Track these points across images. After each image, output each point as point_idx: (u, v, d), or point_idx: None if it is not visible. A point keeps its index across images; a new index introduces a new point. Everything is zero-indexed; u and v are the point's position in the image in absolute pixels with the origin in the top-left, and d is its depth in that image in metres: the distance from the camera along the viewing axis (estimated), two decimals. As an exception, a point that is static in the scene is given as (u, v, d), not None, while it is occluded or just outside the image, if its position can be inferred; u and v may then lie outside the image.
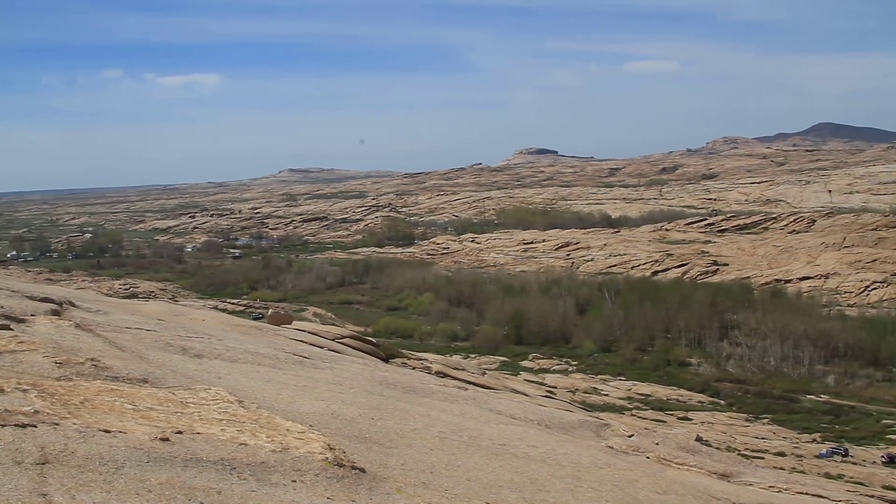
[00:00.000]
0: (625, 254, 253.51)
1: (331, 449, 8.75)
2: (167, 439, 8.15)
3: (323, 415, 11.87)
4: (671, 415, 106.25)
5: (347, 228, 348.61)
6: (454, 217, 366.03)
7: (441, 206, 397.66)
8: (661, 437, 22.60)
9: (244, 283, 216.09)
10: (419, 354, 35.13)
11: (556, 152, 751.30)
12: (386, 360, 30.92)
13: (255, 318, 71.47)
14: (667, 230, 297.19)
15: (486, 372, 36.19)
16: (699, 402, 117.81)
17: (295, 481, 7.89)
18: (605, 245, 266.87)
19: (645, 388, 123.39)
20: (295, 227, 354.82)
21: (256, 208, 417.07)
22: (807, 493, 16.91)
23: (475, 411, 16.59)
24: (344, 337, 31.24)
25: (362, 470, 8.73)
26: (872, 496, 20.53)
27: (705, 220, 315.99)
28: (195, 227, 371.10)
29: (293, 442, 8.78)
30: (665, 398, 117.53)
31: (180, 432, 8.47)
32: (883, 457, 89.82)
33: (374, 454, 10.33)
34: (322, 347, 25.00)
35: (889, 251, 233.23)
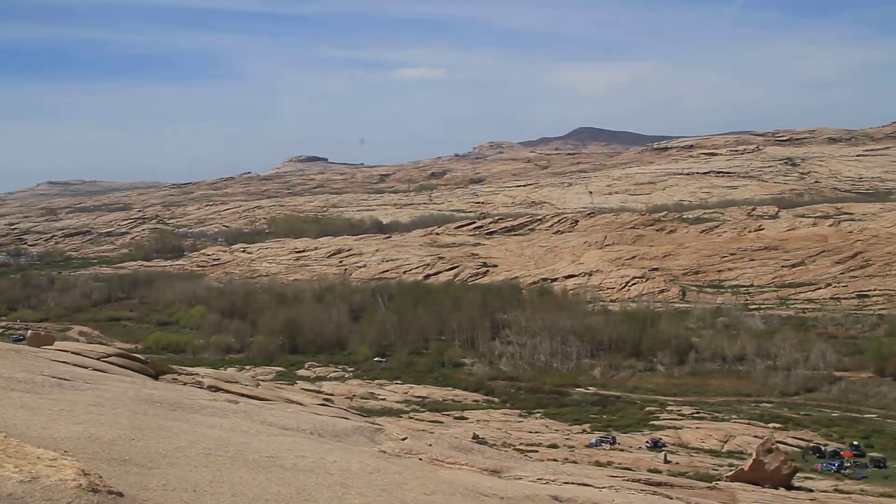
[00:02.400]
0: (397, 259, 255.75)
1: (85, 474, 8.37)
2: None
3: (79, 439, 11.37)
4: (448, 415, 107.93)
5: (113, 242, 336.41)
6: (224, 227, 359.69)
7: (210, 216, 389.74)
8: (434, 438, 22.86)
9: (2, 304, 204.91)
10: (191, 369, 34.27)
11: (327, 160, 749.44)
12: (155, 376, 29.98)
13: (16, 341, 67.91)
14: (437, 234, 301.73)
15: (261, 383, 35.66)
16: (474, 400, 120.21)
17: (46, 511, 7.50)
18: (377, 251, 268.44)
19: (421, 390, 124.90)
20: (56, 243, 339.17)
21: (13, 224, 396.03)
22: (573, 483, 17.42)
23: (245, 424, 16.29)
24: (110, 355, 30.08)
25: (119, 494, 8.39)
26: (638, 480, 21.38)
27: (474, 223, 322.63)
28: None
29: (44, 470, 8.35)
30: (441, 399, 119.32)
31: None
32: (647, 442, 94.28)
33: (133, 476, 9.96)
34: (86, 368, 23.99)
35: (646, 248, 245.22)
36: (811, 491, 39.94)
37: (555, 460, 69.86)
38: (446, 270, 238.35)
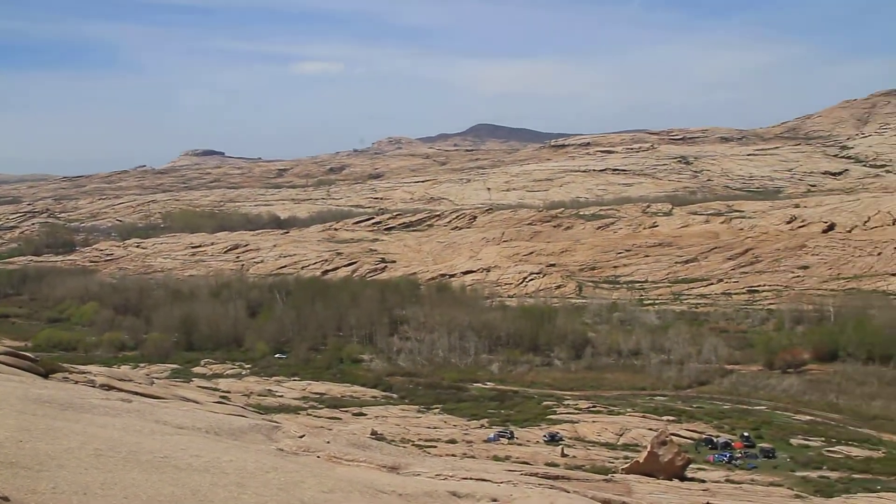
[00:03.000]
0: (295, 254, 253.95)
1: (-32, 478, 8.08)
2: None
3: (-37, 442, 10.98)
4: (346, 412, 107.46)
5: (1, 237, 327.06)
6: (118, 222, 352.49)
7: (104, 210, 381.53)
8: (333, 435, 22.72)
9: None
10: (83, 367, 33.46)
11: (223, 154, 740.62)
12: (45, 375, 29.20)
13: None
14: (336, 230, 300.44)
15: (156, 381, 35.00)
16: (373, 397, 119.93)
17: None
18: (275, 246, 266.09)
19: (320, 386, 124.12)
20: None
21: None
22: (471, 478, 17.47)
23: (139, 424, 15.96)
24: (-4, 354, 29.21)
25: (5, 499, 8.12)
26: (536, 474, 21.53)
27: (373, 218, 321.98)
28: None
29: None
30: (340, 395, 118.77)
31: None
32: (545, 436, 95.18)
33: (21, 480, 9.64)
34: (-30, 367, 23.23)
35: (544, 244, 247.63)
36: (704, 482, 40.83)
37: (453, 456, 70.12)
38: (344, 266, 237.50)
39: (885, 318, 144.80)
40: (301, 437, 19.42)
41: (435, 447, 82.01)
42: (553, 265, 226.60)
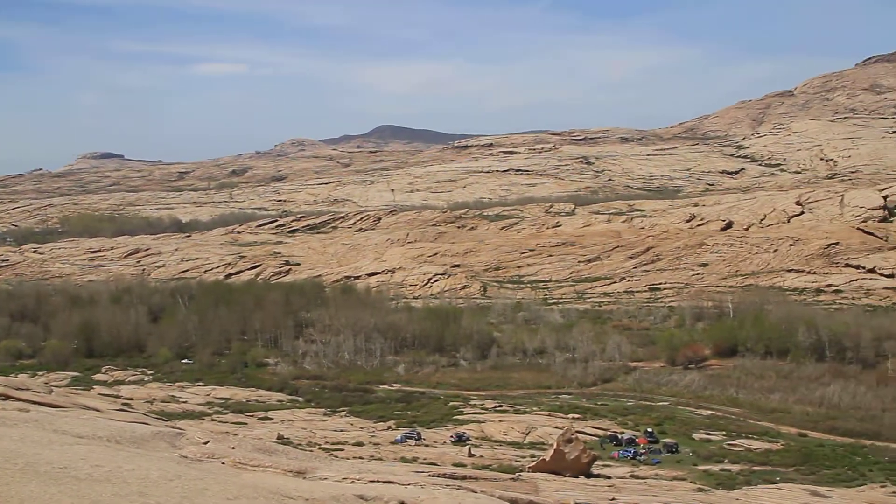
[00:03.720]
0: (197, 258, 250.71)
1: None
2: None
3: None
4: (252, 416, 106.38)
5: None
6: (13, 227, 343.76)
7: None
8: (238, 440, 22.43)
9: None
10: (-24, 377, 32.52)
11: (123, 156, 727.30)
12: (-64, 386, 28.28)
13: None
14: (239, 233, 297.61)
15: (54, 390, 34.18)
16: (279, 400, 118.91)
17: None
18: (176, 250, 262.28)
19: (224, 391, 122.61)
20: None
21: None
22: (378, 481, 17.40)
23: (37, 434, 15.53)
24: None
25: None
26: (443, 474, 21.52)
27: (276, 221, 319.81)
28: None
29: None
30: (245, 400, 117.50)
31: None
32: (452, 436, 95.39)
33: None
34: None
35: (448, 245, 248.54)
36: (609, 478, 41.25)
37: (361, 458, 69.89)
38: (248, 269, 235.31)
39: (781, 313, 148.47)
40: (205, 443, 19.13)
41: (342, 450, 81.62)
42: (458, 266, 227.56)
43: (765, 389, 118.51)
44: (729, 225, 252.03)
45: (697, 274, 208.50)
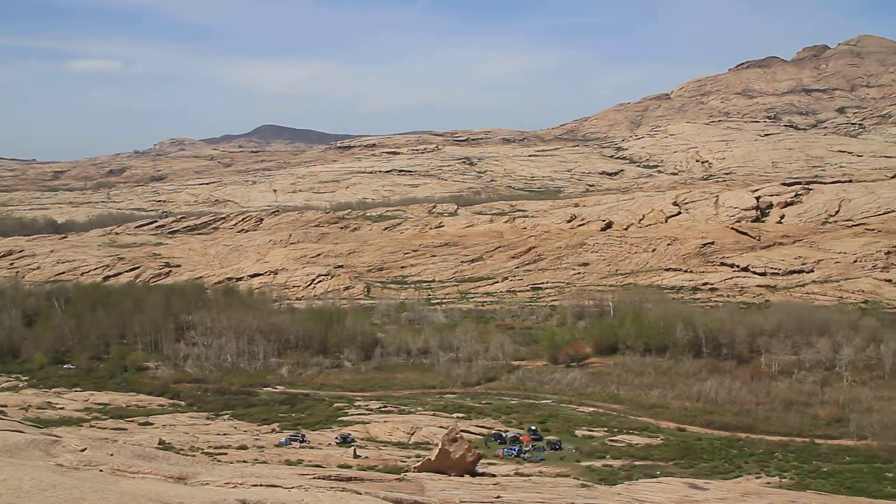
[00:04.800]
0: (74, 260, 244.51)
1: None
2: None
3: None
4: (132, 421, 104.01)
5: None
6: None
7: None
8: (117, 447, 21.86)
9: None
10: None
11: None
12: None
13: None
14: (117, 234, 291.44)
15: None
16: (160, 405, 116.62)
17: None
18: (52, 252, 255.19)
19: (103, 396, 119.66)
20: None
21: None
22: (262, 485, 17.15)
23: None
24: None
25: None
26: (328, 476, 21.34)
27: (156, 222, 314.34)
28: None
29: None
30: (125, 405, 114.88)
31: None
32: (336, 438, 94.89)
33: None
34: None
35: (331, 245, 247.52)
36: (494, 476, 41.57)
37: (244, 462, 68.99)
38: (127, 271, 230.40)
39: (659, 311, 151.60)
40: (83, 450, 18.59)
41: (225, 454, 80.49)
42: (341, 266, 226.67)
43: (644, 386, 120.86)
44: (609, 225, 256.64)
45: (578, 273, 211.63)
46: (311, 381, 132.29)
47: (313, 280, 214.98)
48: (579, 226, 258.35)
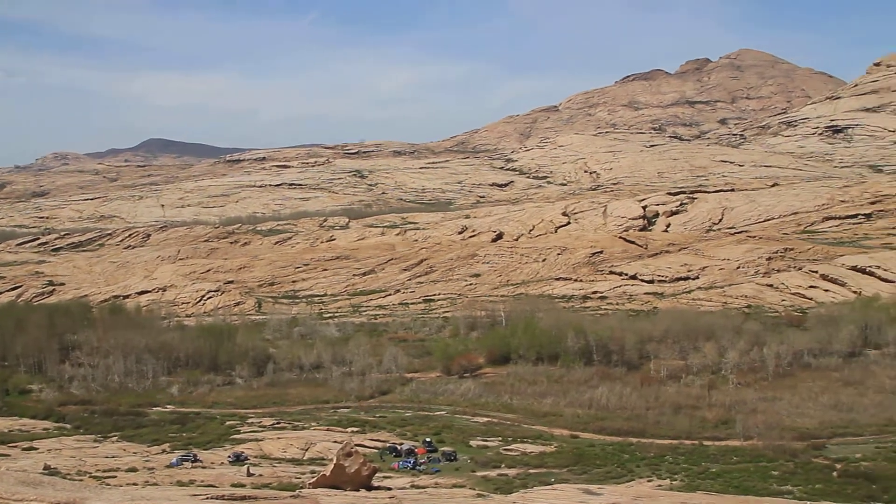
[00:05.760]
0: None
1: None
2: None
3: None
4: (15, 447, 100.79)
5: None
6: None
7: None
8: (0, 474, 21.19)
9: None
10: None
11: None
12: None
13: None
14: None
15: None
16: (45, 429, 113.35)
17: None
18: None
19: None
20: None
21: None
22: (154, 509, 16.78)
23: None
24: None
25: None
26: (222, 496, 21.00)
27: (38, 239, 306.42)
28: None
29: None
30: (7, 430, 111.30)
31: None
32: (229, 457, 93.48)
33: None
34: None
35: (221, 261, 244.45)
36: (390, 489, 41.35)
37: (134, 485, 67.48)
38: (8, 291, 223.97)
39: (551, 320, 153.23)
40: (-38, 478, 17.92)
41: (114, 477, 78.61)
42: (231, 282, 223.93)
43: (537, 394, 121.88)
44: (500, 236, 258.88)
45: (470, 284, 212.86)
46: (203, 399, 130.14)
47: (203, 296, 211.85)
48: (470, 237, 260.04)
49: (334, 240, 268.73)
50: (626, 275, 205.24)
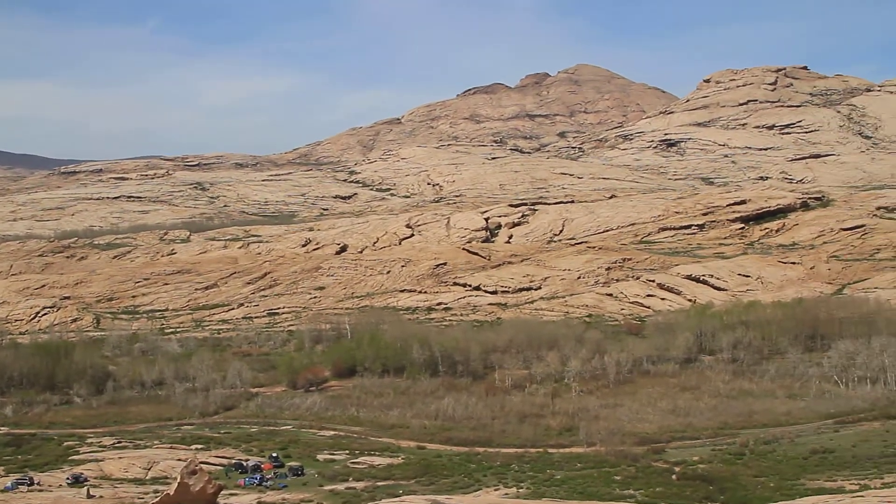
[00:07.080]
0: None
1: None
2: None
3: None
4: None
5: None
6: None
7: None
8: None
9: None
10: None
11: None
12: None
13: None
14: None
15: None
16: None
17: None
18: None
19: None
20: None
21: None
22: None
23: None
24: None
25: None
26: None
27: None
28: None
29: None
30: None
31: None
32: (68, 478, 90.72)
33: None
34: None
35: (56, 276, 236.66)
36: (238, 507, 41.12)
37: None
38: None
39: (396, 332, 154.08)
40: None
41: (-57, 504, 75.44)
42: (68, 298, 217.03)
43: (384, 406, 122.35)
44: (344, 248, 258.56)
45: (315, 297, 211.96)
46: (39, 419, 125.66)
47: (38, 313, 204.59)
48: (314, 250, 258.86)
49: (175, 253, 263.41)
50: (470, 286, 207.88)
